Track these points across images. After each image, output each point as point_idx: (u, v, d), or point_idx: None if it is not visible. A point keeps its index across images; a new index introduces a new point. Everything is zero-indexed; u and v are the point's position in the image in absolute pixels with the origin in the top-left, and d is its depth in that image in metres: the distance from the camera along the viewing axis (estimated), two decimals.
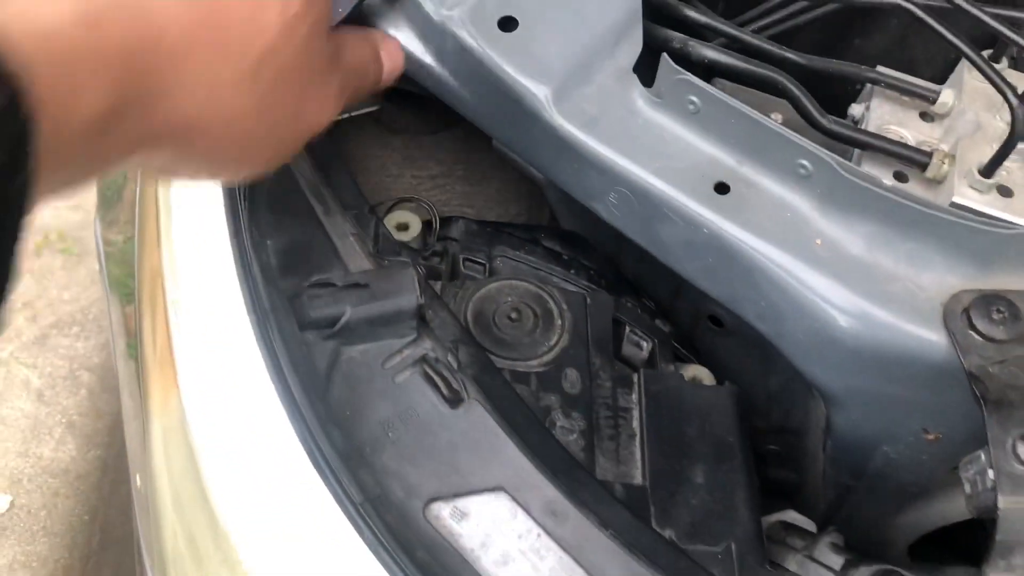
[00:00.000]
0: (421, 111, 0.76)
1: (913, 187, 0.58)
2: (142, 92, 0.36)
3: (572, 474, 0.48)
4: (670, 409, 0.54)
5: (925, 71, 0.67)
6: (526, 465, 0.48)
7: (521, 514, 0.47)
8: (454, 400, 0.49)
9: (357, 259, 0.52)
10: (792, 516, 0.59)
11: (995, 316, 0.49)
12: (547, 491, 0.47)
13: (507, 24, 0.58)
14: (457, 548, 0.46)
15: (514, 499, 0.47)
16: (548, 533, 0.47)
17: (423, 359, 0.50)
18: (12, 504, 1.41)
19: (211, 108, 0.40)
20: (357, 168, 0.74)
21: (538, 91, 0.56)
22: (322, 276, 0.50)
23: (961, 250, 0.50)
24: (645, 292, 0.68)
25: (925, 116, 0.61)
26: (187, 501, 0.48)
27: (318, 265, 0.52)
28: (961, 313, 0.49)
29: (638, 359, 0.59)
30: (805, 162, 0.51)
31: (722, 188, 0.54)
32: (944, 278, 0.51)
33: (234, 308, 0.49)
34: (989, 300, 0.49)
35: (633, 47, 0.58)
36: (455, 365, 0.49)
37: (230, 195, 0.52)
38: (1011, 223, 0.53)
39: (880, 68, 0.62)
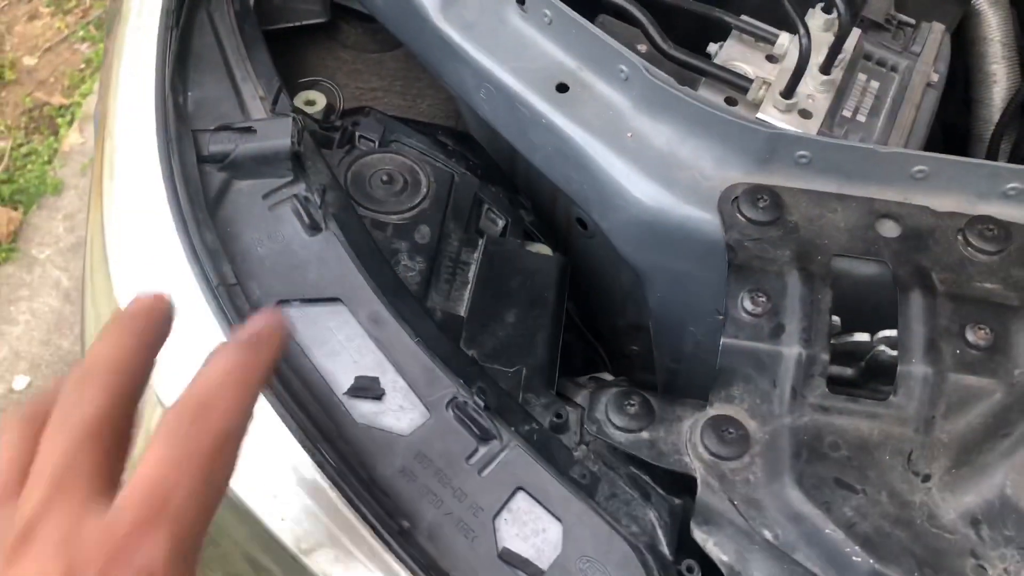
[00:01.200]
0: (370, 31, 0.88)
1: (739, 109, 0.67)
2: None
3: (399, 295, 0.59)
4: (502, 266, 0.65)
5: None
6: (361, 283, 0.59)
7: (352, 321, 0.59)
8: (314, 229, 0.61)
9: (256, 114, 0.64)
10: (605, 375, 0.69)
11: (759, 204, 0.59)
12: (374, 305, 0.59)
13: None
14: (297, 340, 0.58)
15: (348, 308, 0.59)
16: (370, 336, 0.58)
17: (295, 196, 0.62)
18: (30, 384, 1.58)
19: None
20: (308, 73, 0.86)
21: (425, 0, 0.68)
22: (224, 122, 0.63)
23: (741, 148, 0.60)
24: (531, 201, 0.79)
25: (771, 58, 0.71)
26: (97, 265, 0.61)
27: (224, 115, 0.64)
28: (733, 199, 0.59)
29: (493, 232, 0.70)
30: (623, 67, 0.62)
31: (562, 88, 0.65)
32: (725, 171, 0.60)
33: (148, 138, 0.62)
34: (756, 190, 0.59)
35: None
36: (319, 202, 0.61)
37: (162, 54, 0.65)
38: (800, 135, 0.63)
39: (743, 16, 0.73)
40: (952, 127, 0.92)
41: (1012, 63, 0.86)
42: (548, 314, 0.63)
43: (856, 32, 0.69)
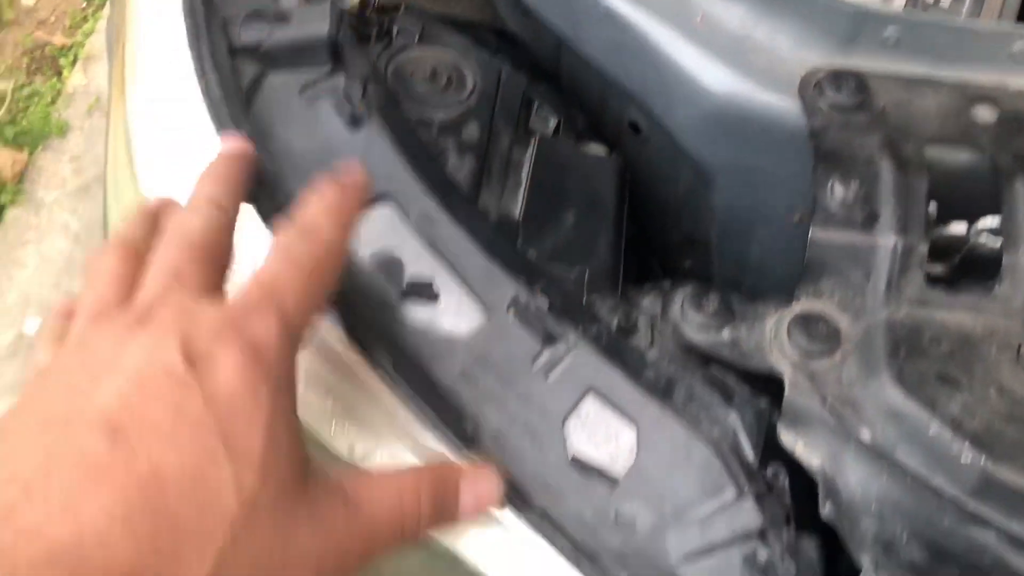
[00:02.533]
0: None
1: None
2: None
3: (450, 193, 0.55)
4: (557, 167, 0.61)
5: None
6: (410, 181, 0.55)
7: (402, 220, 0.54)
8: (356, 123, 0.56)
9: (291, 1, 0.59)
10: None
11: (844, 89, 0.54)
12: (424, 203, 0.54)
13: None
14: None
15: (397, 207, 0.54)
16: (422, 236, 0.53)
17: (333, 90, 0.57)
18: (40, 326, 1.54)
19: None
20: None
21: None
22: (255, 7, 0.58)
23: (823, 30, 0.55)
24: (577, 105, 0.74)
25: None
26: (121, 161, 0.57)
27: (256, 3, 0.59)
28: (815, 85, 0.55)
29: (544, 132, 0.65)
30: None
31: None
32: (805, 54, 0.56)
33: (174, 28, 0.57)
34: (840, 75, 0.54)
35: None
36: (360, 95, 0.56)
37: None
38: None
39: None
40: None
41: None
42: (609, 216, 0.59)
43: None
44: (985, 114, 0.54)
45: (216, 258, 0.43)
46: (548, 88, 0.68)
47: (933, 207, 0.51)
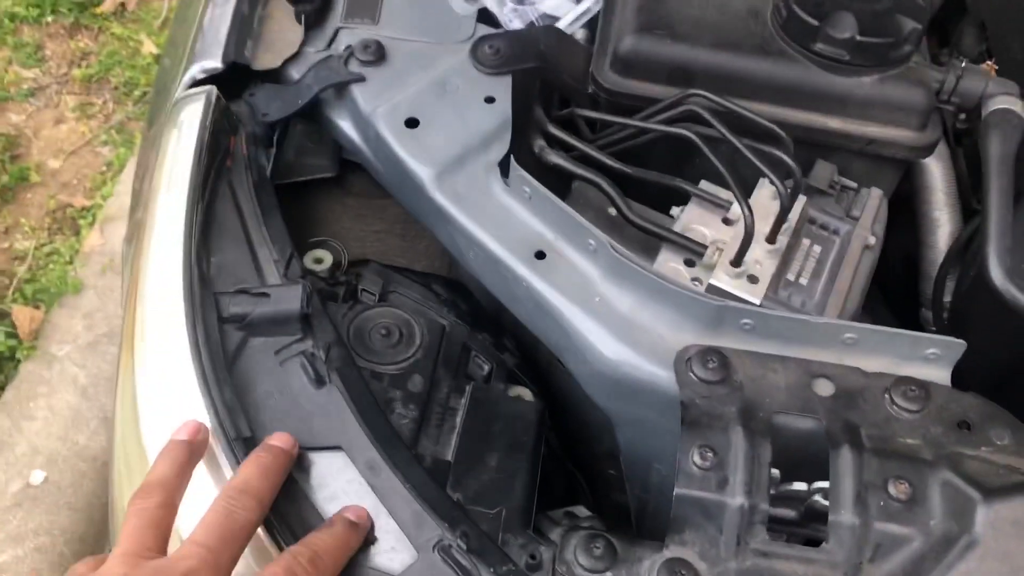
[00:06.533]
0: (374, 181, 0.98)
1: (696, 271, 0.76)
2: None
3: (393, 444, 0.67)
4: (486, 412, 0.73)
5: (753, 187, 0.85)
6: (360, 433, 0.67)
7: (350, 467, 0.66)
8: (319, 382, 0.69)
9: (271, 278, 0.73)
10: (579, 509, 0.76)
11: (709, 364, 0.67)
12: (370, 453, 0.66)
13: (411, 123, 0.80)
14: (301, 486, 0.66)
15: (347, 456, 0.67)
16: (367, 482, 0.66)
17: (302, 352, 0.70)
18: (46, 479, 1.65)
19: None
20: (318, 220, 0.96)
21: (423, 172, 0.77)
22: (242, 286, 0.71)
23: (693, 315, 0.69)
24: (516, 341, 0.87)
25: (727, 221, 0.80)
26: (126, 417, 0.69)
27: (242, 278, 0.73)
28: (686, 360, 0.68)
29: (479, 376, 0.78)
30: (592, 241, 0.71)
31: (540, 255, 0.74)
32: (680, 334, 0.69)
33: (175, 301, 0.71)
34: (707, 352, 0.67)
35: (501, 148, 0.79)
36: (323, 358, 0.69)
37: (188, 224, 0.74)
38: (748, 301, 0.71)
39: (704, 183, 0.82)
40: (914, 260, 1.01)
41: (954, 209, 0.95)
42: (526, 457, 0.71)
43: (802, 200, 0.78)
44: (824, 387, 0.67)
45: (241, 546, 0.58)
46: (485, 336, 0.81)
47: (776, 472, 0.64)
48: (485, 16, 0.91)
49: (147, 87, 2.34)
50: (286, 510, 0.64)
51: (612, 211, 0.81)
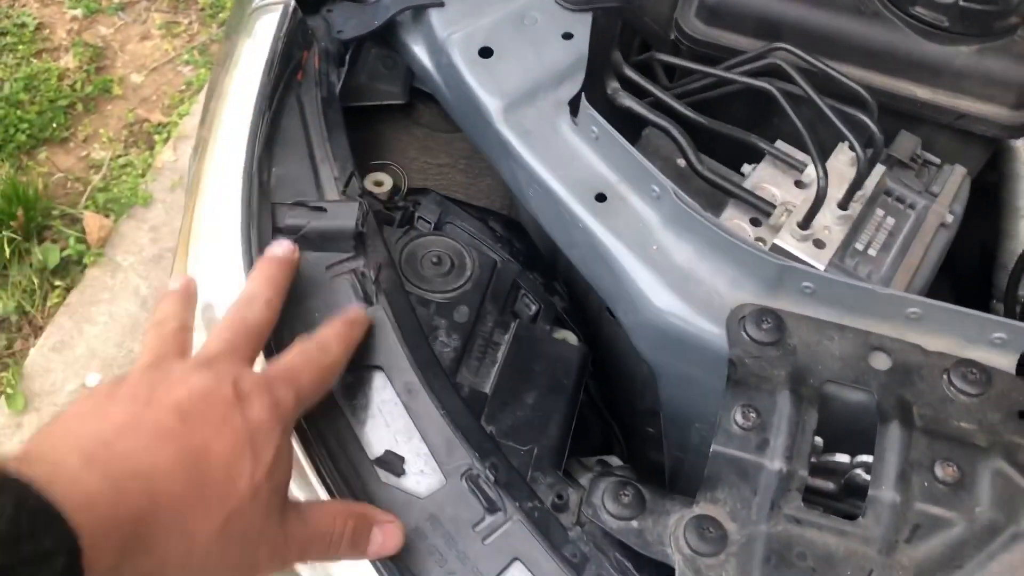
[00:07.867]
0: (443, 113, 0.97)
1: (762, 231, 0.74)
2: (138, 550, 0.46)
3: (432, 370, 0.67)
4: (529, 350, 0.72)
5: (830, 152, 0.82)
6: (401, 356, 0.67)
7: (388, 387, 0.66)
8: (367, 302, 0.69)
9: (330, 193, 0.73)
10: (613, 459, 0.75)
11: (764, 325, 0.65)
12: (409, 376, 0.66)
13: (485, 52, 0.78)
14: (337, 401, 0.66)
15: (386, 376, 0.67)
16: (402, 403, 0.65)
17: (353, 271, 0.70)
18: (100, 382, 1.70)
19: (187, 562, 0.49)
20: (384, 147, 0.95)
21: (491, 104, 0.76)
22: (300, 199, 0.71)
23: (753, 273, 0.66)
24: (567, 286, 0.86)
25: (799, 184, 0.77)
26: None
27: (301, 192, 0.73)
28: (740, 319, 0.66)
29: (526, 315, 0.77)
30: (655, 187, 0.69)
31: (601, 197, 0.72)
32: (737, 291, 0.67)
33: (233, 207, 0.71)
34: (762, 312, 0.65)
35: (573, 86, 0.77)
36: (373, 278, 0.69)
37: (253, 136, 0.74)
38: (812, 266, 0.69)
39: (779, 143, 0.79)
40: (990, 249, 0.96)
41: None
42: (564, 400, 0.70)
43: (880, 169, 0.75)
44: (880, 361, 0.64)
45: (258, 342, 0.61)
46: (536, 276, 0.80)
47: (820, 439, 0.62)
48: None
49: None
50: (323, 426, 0.64)
51: (681, 162, 0.79)
